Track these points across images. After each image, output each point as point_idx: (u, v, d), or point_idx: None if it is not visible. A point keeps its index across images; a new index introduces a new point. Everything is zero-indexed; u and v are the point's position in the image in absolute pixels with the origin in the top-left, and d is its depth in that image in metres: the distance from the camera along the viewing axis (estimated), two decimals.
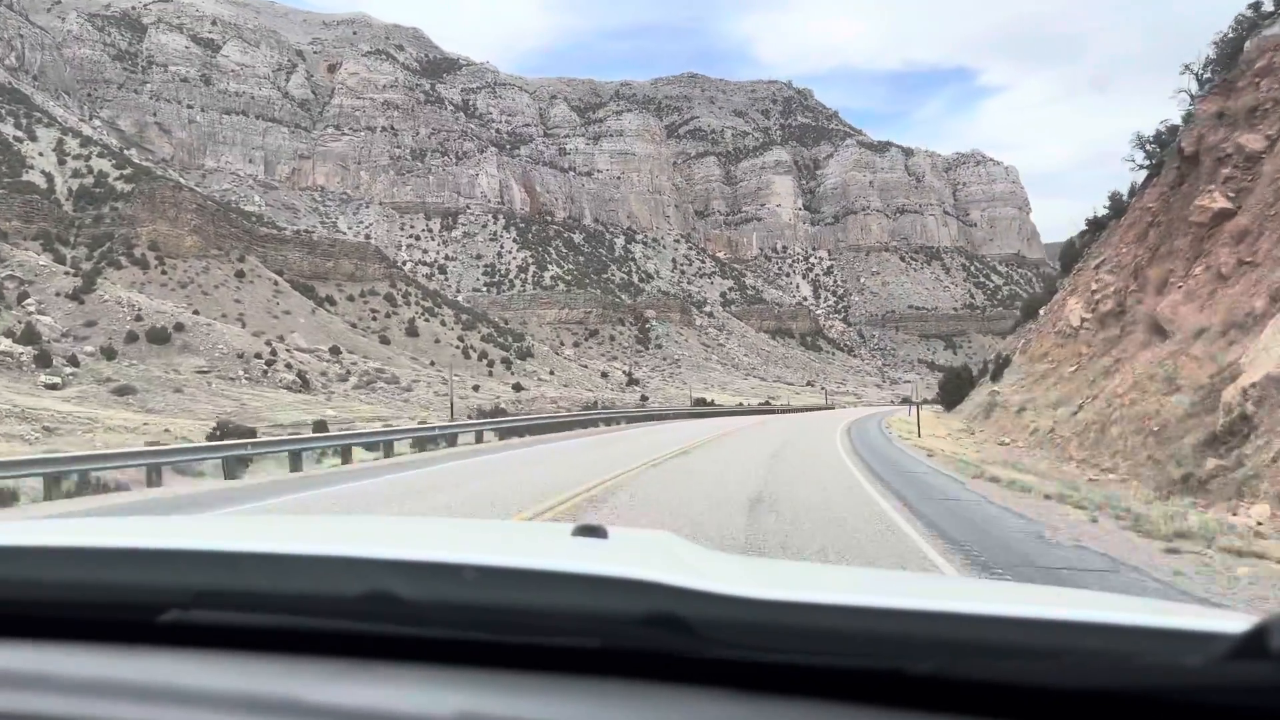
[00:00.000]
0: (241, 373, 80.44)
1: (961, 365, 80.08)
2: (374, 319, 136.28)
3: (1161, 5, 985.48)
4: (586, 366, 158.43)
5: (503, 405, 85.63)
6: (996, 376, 44.38)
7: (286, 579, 1.12)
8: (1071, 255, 46.42)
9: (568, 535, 1.55)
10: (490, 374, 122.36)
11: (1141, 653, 0.91)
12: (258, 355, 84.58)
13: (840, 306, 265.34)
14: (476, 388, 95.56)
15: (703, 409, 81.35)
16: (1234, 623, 0.93)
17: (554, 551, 1.42)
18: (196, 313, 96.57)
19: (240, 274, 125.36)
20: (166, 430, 47.21)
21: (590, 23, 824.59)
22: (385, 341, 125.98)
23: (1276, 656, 0.82)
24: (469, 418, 76.09)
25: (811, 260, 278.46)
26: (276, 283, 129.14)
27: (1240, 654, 0.84)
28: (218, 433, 34.03)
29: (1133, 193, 36.82)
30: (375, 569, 1.10)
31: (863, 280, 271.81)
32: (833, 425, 43.14)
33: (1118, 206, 39.68)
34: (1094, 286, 31.61)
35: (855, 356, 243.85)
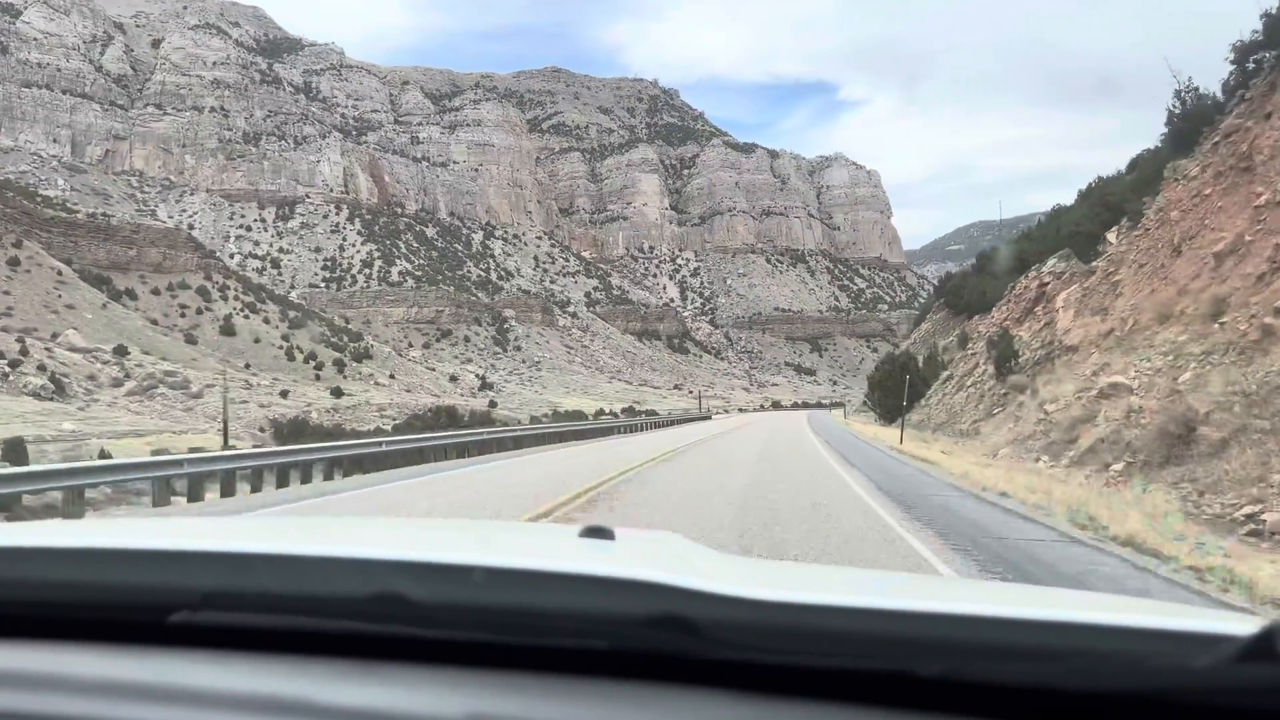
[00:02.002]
0: None
1: (903, 355, 60.11)
2: (182, 315, 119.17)
3: (1010, 27, 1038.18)
4: (435, 369, 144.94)
5: (313, 415, 72.20)
6: (1004, 367, 32.93)
7: (295, 580, 1.12)
8: (1158, 162, 30.20)
9: (575, 536, 1.55)
10: (318, 378, 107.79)
11: (1150, 654, 0.90)
12: (0, 355, 68.37)
13: (707, 308, 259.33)
14: (285, 393, 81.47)
15: (487, 432, 32.88)
16: (1243, 625, 0.93)
17: (562, 553, 1.42)
18: None
19: (14, 261, 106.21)
20: None
21: (457, 22, 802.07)
22: (191, 341, 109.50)
23: None
24: (260, 431, 62.58)
25: (679, 261, 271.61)
26: (61, 272, 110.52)
27: (1249, 656, 0.83)
28: None
29: None
30: (384, 570, 1.09)
31: (729, 282, 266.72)
32: (814, 505, 12.90)
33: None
34: None
35: (723, 359, 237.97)
